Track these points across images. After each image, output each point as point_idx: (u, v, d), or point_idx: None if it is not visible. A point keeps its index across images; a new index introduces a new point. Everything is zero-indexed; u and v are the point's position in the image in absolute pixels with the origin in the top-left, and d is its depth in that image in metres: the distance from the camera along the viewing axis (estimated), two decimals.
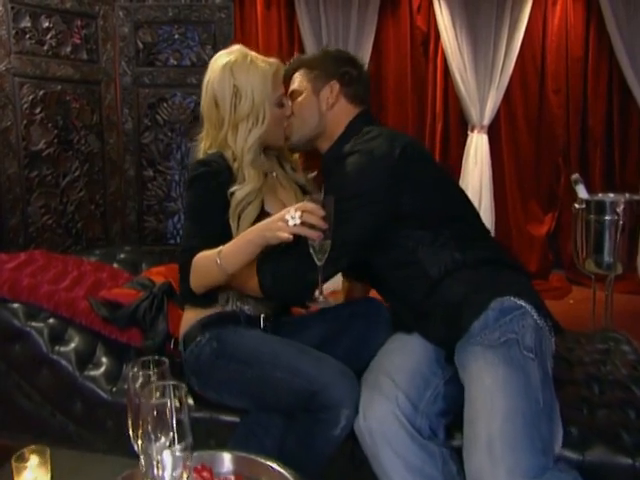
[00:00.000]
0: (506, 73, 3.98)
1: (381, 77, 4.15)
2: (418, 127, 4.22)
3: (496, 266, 1.40)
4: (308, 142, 1.58)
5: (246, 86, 1.42)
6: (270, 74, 1.45)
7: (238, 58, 1.45)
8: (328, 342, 1.51)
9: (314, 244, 1.24)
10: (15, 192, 2.61)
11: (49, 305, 1.72)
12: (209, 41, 2.97)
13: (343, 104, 1.53)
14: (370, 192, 1.38)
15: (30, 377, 1.66)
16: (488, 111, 4.03)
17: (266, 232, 1.26)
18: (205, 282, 1.39)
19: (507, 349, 1.24)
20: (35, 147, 2.67)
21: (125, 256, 2.37)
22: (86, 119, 2.88)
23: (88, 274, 1.99)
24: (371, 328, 1.51)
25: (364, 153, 1.42)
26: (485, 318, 1.28)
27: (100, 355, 1.70)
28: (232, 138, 1.45)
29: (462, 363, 1.29)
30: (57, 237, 2.81)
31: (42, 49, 2.67)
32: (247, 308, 1.52)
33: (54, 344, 1.66)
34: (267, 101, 1.44)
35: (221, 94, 1.44)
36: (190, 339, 1.47)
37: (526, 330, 1.26)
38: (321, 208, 1.22)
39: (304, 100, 1.54)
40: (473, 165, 4.08)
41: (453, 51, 3.97)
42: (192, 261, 1.36)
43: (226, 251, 1.32)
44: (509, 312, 1.28)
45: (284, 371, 1.33)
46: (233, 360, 1.39)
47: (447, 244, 1.39)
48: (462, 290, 1.34)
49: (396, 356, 1.39)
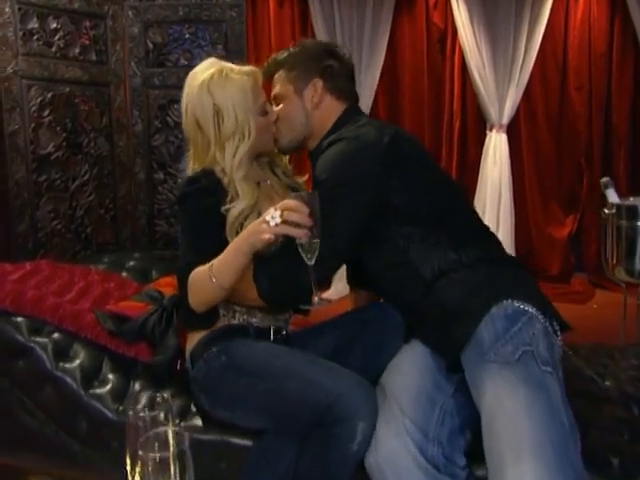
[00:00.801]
0: (526, 70, 3.86)
1: (397, 75, 4.06)
2: (435, 126, 4.13)
3: (494, 264, 1.33)
4: (298, 144, 1.54)
5: (226, 103, 1.38)
6: (249, 86, 1.41)
7: (214, 75, 1.40)
8: (341, 352, 1.46)
9: (302, 243, 1.16)
10: (23, 197, 2.55)
11: (53, 319, 1.65)
12: (220, 41, 2.89)
13: (329, 101, 1.48)
14: (358, 180, 1.32)
15: (34, 394, 1.60)
16: (507, 109, 3.91)
17: (250, 238, 1.22)
18: (203, 299, 1.34)
19: (525, 366, 1.16)
20: (43, 151, 2.61)
21: (134, 263, 2.30)
22: (95, 121, 2.82)
23: (95, 284, 1.92)
24: (384, 335, 1.44)
25: (351, 139, 1.36)
26: (494, 329, 1.20)
27: (106, 371, 1.63)
28: (220, 156, 1.40)
29: (476, 383, 1.20)
30: (66, 242, 2.75)
31: (50, 50, 2.61)
32: (255, 320, 1.46)
33: (58, 360, 1.59)
34: (250, 114, 1.40)
35: (202, 116, 1.39)
36: (197, 355, 1.41)
37: (538, 338, 1.20)
38: (304, 205, 1.15)
39: (288, 103, 1.49)
40: (492, 165, 3.98)
41: (471, 48, 3.86)
42: (188, 279, 1.31)
43: (217, 265, 1.27)
44: (516, 319, 1.21)
45: (297, 382, 1.27)
46: (243, 373, 1.33)
47: (439, 242, 1.33)
48: (458, 292, 1.27)
49: (399, 375, 1.31)
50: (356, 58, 3.86)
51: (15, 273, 1.80)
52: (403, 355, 1.37)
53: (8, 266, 1.88)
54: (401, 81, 4.08)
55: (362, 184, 1.32)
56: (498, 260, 1.36)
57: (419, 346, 1.35)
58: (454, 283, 1.29)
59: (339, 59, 1.52)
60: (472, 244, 1.35)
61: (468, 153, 4.13)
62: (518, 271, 1.37)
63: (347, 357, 1.42)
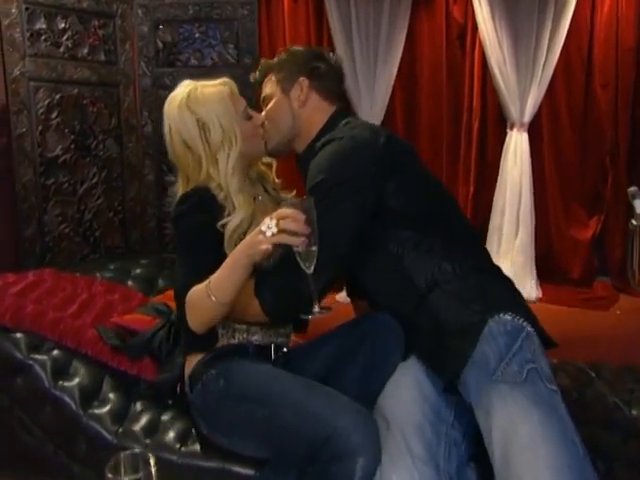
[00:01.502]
0: (549, 66, 3.72)
1: (414, 72, 3.95)
2: (453, 124, 4.01)
3: (485, 275, 1.32)
4: (286, 145, 1.52)
5: (209, 116, 1.38)
6: (226, 94, 1.41)
7: (189, 93, 1.40)
8: (338, 368, 1.41)
9: (300, 251, 1.14)
10: (30, 201, 2.52)
11: (53, 335, 1.62)
12: (232, 39, 2.83)
13: (316, 100, 1.48)
14: (354, 179, 1.29)
15: (33, 413, 1.56)
16: (529, 108, 3.78)
17: (248, 250, 1.19)
18: (203, 319, 1.29)
19: (533, 385, 1.16)
20: (51, 153, 2.58)
21: (141, 271, 2.27)
22: (104, 123, 2.77)
23: (99, 296, 1.88)
24: (382, 348, 1.38)
25: (345, 139, 1.33)
26: (497, 346, 1.19)
27: (107, 390, 1.59)
28: (214, 171, 1.39)
29: (483, 405, 1.17)
30: (75, 246, 2.72)
31: (58, 51, 2.56)
32: (255, 339, 1.42)
33: (57, 379, 1.55)
34: (234, 121, 1.39)
35: (188, 135, 1.39)
36: (196, 379, 1.37)
37: (538, 355, 1.20)
38: (299, 212, 1.13)
39: (275, 103, 1.49)
40: (512, 165, 3.86)
41: (492, 44, 3.73)
42: (186, 299, 1.27)
43: (214, 281, 1.23)
44: (516, 336, 1.20)
45: (293, 412, 1.23)
46: (241, 400, 1.30)
47: (433, 249, 1.31)
48: (452, 306, 1.25)
49: (399, 404, 1.26)
50: (372, 54, 3.77)
51: (17, 284, 1.77)
52: (401, 379, 1.32)
53: (11, 276, 1.85)
54: (419, 78, 3.97)
55: (358, 184, 1.30)
56: (489, 271, 1.36)
57: (415, 367, 1.31)
58: (448, 295, 1.27)
59: (327, 62, 1.52)
60: (465, 252, 1.34)
61: (487, 152, 4.01)
62: (507, 283, 1.36)
63: (344, 373, 1.39)
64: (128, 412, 1.55)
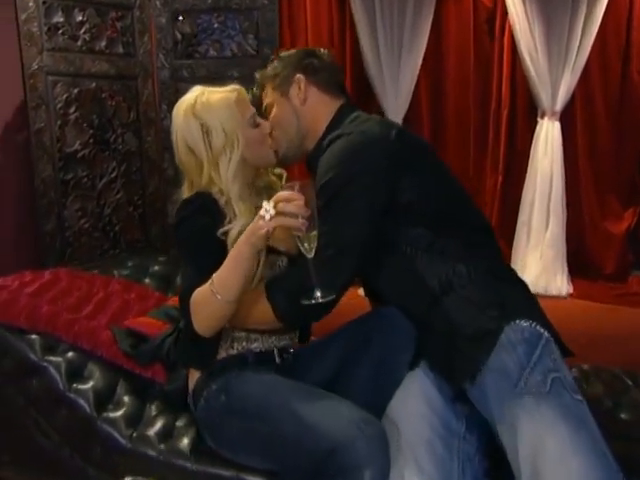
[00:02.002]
0: (583, 52, 3.58)
1: (440, 60, 3.87)
2: (481, 113, 3.92)
3: (501, 279, 1.28)
4: (297, 149, 1.48)
5: (212, 120, 1.35)
6: (232, 100, 1.38)
7: (196, 99, 1.38)
8: (346, 370, 1.38)
9: (299, 235, 1.13)
10: (50, 196, 2.53)
11: (68, 336, 1.60)
12: (251, 30, 2.78)
13: (316, 94, 1.45)
14: (364, 176, 1.25)
15: (48, 415, 1.56)
16: (561, 95, 3.66)
17: (249, 239, 1.17)
18: (209, 321, 1.25)
19: (558, 397, 1.12)
20: (70, 148, 2.59)
21: (159, 268, 2.25)
22: (123, 117, 2.77)
23: (115, 296, 1.87)
24: (391, 347, 1.34)
25: (354, 135, 1.30)
26: (517, 355, 1.15)
27: (121, 393, 1.58)
28: (216, 175, 1.36)
29: (506, 419, 1.12)
30: (94, 241, 2.73)
31: (76, 45, 2.56)
32: (255, 346, 1.39)
33: (72, 381, 1.54)
34: (238, 127, 1.37)
35: (192, 139, 1.37)
36: (198, 394, 1.36)
37: (559, 363, 1.17)
38: (298, 194, 1.12)
39: (277, 107, 1.46)
40: (543, 155, 3.74)
41: (522, 28, 3.60)
42: (190, 302, 1.24)
43: (218, 278, 1.21)
44: (535, 343, 1.16)
45: (295, 425, 1.20)
46: (242, 415, 1.28)
47: (447, 251, 1.26)
48: (467, 310, 1.22)
49: (407, 416, 1.22)
50: (397, 43, 3.69)
51: (33, 284, 1.77)
52: (408, 392, 1.28)
53: (27, 275, 1.85)
54: (445, 65, 3.88)
55: (369, 180, 1.26)
56: (505, 274, 1.32)
57: (424, 377, 1.28)
58: (463, 299, 1.23)
59: (319, 57, 1.49)
60: (481, 254, 1.30)
61: (517, 142, 3.91)
62: (524, 288, 1.32)
63: (353, 372, 1.35)
64: (143, 416, 1.54)
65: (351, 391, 1.32)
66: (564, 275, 3.79)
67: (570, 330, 3.09)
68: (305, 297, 1.17)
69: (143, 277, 2.17)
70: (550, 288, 3.73)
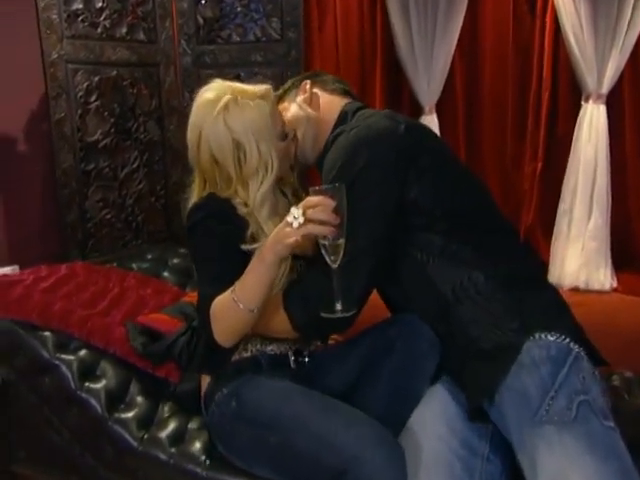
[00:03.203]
0: (634, 30, 3.38)
1: (477, 40, 3.73)
2: (520, 96, 3.77)
3: (524, 286, 1.19)
4: (310, 151, 1.45)
5: (247, 137, 1.28)
6: (267, 111, 1.31)
7: (229, 104, 1.28)
8: (365, 379, 1.33)
9: (325, 243, 1.07)
10: (71, 186, 2.54)
11: (81, 333, 1.61)
12: (275, 13, 2.71)
13: (322, 95, 1.46)
14: (374, 170, 1.19)
15: (60, 413, 1.57)
16: (608, 77, 3.47)
17: (275, 246, 1.13)
18: (231, 330, 1.22)
19: (585, 425, 1.03)
20: (91, 138, 2.58)
21: (178, 261, 2.25)
22: (145, 105, 2.75)
23: (130, 291, 1.87)
24: (413, 357, 1.29)
25: (361, 128, 1.24)
26: (539, 376, 1.07)
27: (134, 393, 1.58)
28: (244, 193, 1.31)
29: (526, 450, 1.05)
30: (117, 232, 2.74)
31: (96, 32, 2.54)
32: (270, 349, 1.36)
33: (84, 380, 1.55)
34: (272, 144, 1.30)
35: (219, 150, 1.29)
36: (209, 399, 1.33)
37: (589, 383, 1.08)
38: (328, 199, 1.07)
39: (290, 113, 1.45)
40: (586, 142, 3.58)
41: (566, 6, 3.43)
42: (210, 312, 1.20)
43: (240, 286, 1.17)
44: (562, 361, 1.08)
45: (308, 439, 1.16)
46: (253, 424, 1.24)
47: (462, 255, 1.19)
48: (484, 321, 1.15)
49: (425, 441, 1.15)
50: (430, 23, 3.57)
51: (48, 279, 1.78)
52: (428, 405, 1.22)
53: (44, 269, 1.87)
54: (482, 46, 3.73)
55: (379, 176, 1.21)
56: (530, 280, 1.23)
57: (443, 393, 1.22)
58: (479, 309, 1.17)
59: (322, 75, 1.53)
60: (499, 257, 1.22)
61: (558, 126, 3.74)
62: (552, 294, 1.23)
63: (373, 381, 1.31)
64: (155, 417, 1.53)
65: (370, 400, 1.28)
66: (608, 268, 3.64)
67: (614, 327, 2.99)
68: (325, 310, 1.11)
69: (162, 270, 2.18)
70: (592, 282, 3.60)
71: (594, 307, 3.29)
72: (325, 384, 1.34)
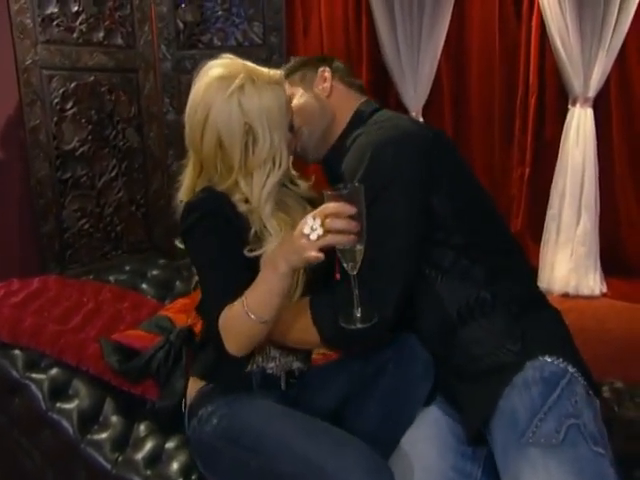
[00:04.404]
0: (620, 32, 3.40)
1: (463, 44, 3.73)
2: (507, 100, 3.77)
3: (529, 307, 1.17)
4: (317, 146, 1.38)
5: (261, 123, 1.19)
6: (284, 99, 1.23)
7: (244, 84, 1.18)
8: (355, 399, 1.29)
9: (343, 249, 1.00)
10: (47, 196, 2.48)
11: (53, 351, 1.55)
12: (257, 17, 2.68)
13: (341, 89, 1.40)
14: (403, 172, 1.13)
15: (31, 436, 1.51)
16: (595, 80, 3.48)
17: (290, 256, 1.04)
18: (245, 341, 1.15)
19: (573, 448, 1.00)
20: (67, 146, 2.53)
21: (157, 273, 2.20)
22: (123, 112, 2.70)
23: (106, 305, 1.82)
24: (406, 378, 1.25)
25: (386, 128, 1.19)
26: (530, 397, 1.04)
27: (108, 412, 1.52)
28: (246, 186, 1.21)
29: (511, 471, 1.01)
30: (95, 242, 2.68)
31: (71, 36, 2.49)
32: (270, 367, 1.30)
33: (55, 400, 1.49)
34: (284, 137, 1.22)
35: (229, 135, 1.19)
36: (193, 413, 1.27)
37: (581, 406, 1.05)
38: (347, 204, 0.98)
39: (301, 100, 1.37)
40: (574, 146, 3.58)
41: (552, 8, 3.44)
42: (219, 324, 1.14)
43: (252, 296, 1.10)
44: (555, 383, 1.06)
45: (293, 464, 1.10)
46: (236, 444, 1.18)
47: (470, 274, 1.15)
48: (487, 342, 1.13)
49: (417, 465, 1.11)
50: (416, 26, 3.55)
51: (19, 293, 1.72)
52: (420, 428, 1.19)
53: (16, 283, 1.81)
54: (468, 50, 3.73)
55: (408, 178, 1.14)
56: (533, 301, 1.20)
57: (438, 411, 1.19)
58: (483, 330, 1.14)
59: (337, 62, 1.45)
60: (507, 277, 1.19)
61: (546, 130, 3.75)
62: (552, 315, 1.21)
63: (363, 406, 1.27)
64: (130, 437, 1.48)
65: (361, 422, 1.25)
66: (597, 273, 3.64)
67: (604, 333, 2.97)
68: (344, 320, 1.06)
69: (140, 282, 2.13)
70: (582, 287, 3.60)
71: (584, 313, 3.28)
72: (314, 404, 1.30)
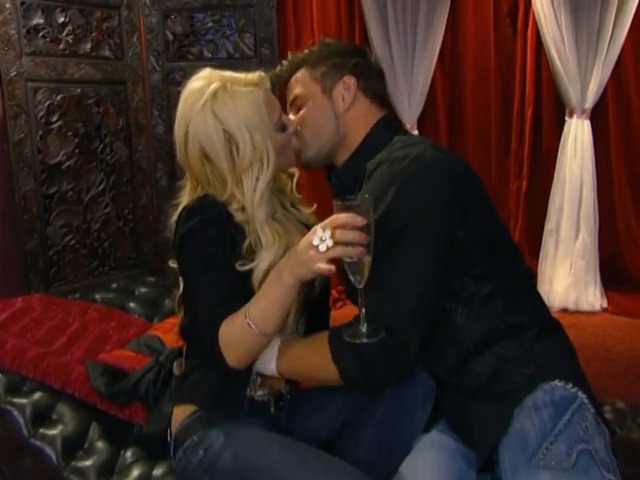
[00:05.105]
0: (616, 43, 3.43)
1: (458, 54, 3.74)
2: (503, 113, 3.79)
3: (543, 334, 1.16)
4: (326, 156, 1.33)
5: (239, 127, 1.18)
6: (261, 98, 1.21)
7: (217, 92, 1.19)
8: (350, 426, 1.27)
9: (350, 262, 0.99)
10: (32, 212, 2.47)
11: (36, 374, 1.52)
12: (248, 28, 2.69)
13: (363, 102, 1.30)
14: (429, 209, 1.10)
15: (13, 464, 1.47)
16: (592, 92, 3.51)
17: (297, 268, 1.04)
18: (247, 354, 1.13)
19: (584, 474, 0.99)
20: (53, 160, 2.52)
21: (146, 290, 2.18)
22: (111, 124, 2.69)
23: (92, 325, 1.79)
24: (404, 405, 1.22)
25: (413, 159, 1.13)
26: (540, 419, 1.04)
27: (94, 438, 1.48)
28: (240, 193, 1.20)
29: None
30: (81, 259, 2.66)
31: (58, 48, 2.49)
32: (260, 394, 1.28)
33: (38, 426, 1.45)
34: (267, 136, 1.20)
35: (210, 146, 1.19)
36: (178, 442, 1.23)
37: (592, 432, 1.05)
38: (357, 216, 0.97)
39: (315, 105, 1.30)
40: (571, 158, 3.60)
41: (548, 20, 3.47)
42: (218, 337, 1.11)
43: (255, 308, 1.09)
44: (565, 407, 1.06)
45: None
46: (224, 476, 1.14)
47: (489, 304, 1.14)
48: (498, 367, 1.12)
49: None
50: (410, 37, 3.57)
51: (1, 314, 1.70)
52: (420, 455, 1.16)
53: None
54: (463, 61, 3.75)
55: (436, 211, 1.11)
56: (545, 326, 1.19)
57: (439, 439, 1.17)
58: (497, 358, 1.13)
59: (367, 58, 1.36)
60: (524, 306, 1.18)
61: (543, 143, 3.76)
62: (564, 339, 1.21)
63: (357, 431, 1.24)
64: (116, 464, 1.44)
65: (356, 447, 1.23)
66: (597, 288, 3.64)
67: (605, 350, 2.95)
68: (349, 334, 1.04)
69: (128, 301, 2.10)
70: (582, 302, 3.59)
71: (584, 329, 3.28)
72: (307, 430, 1.28)
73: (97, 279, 2.64)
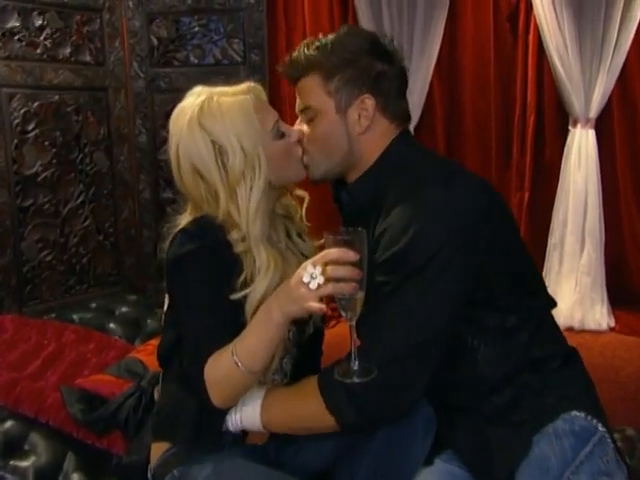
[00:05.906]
0: (621, 50, 3.46)
1: (457, 61, 3.76)
2: (504, 122, 3.81)
3: (561, 364, 1.20)
4: (336, 175, 1.30)
5: (227, 136, 1.19)
6: (250, 106, 1.22)
7: (202, 105, 1.21)
8: (343, 459, 1.26)
9: (342, 298, 0.99)
10: (5, 225, 2.45)
11: (7, 401, 1.51)
12: (237, 33, 2.70)
13: (381, 124, 1.23)
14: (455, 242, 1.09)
15: None
16: (596, 100, 3.53)
17: (287, 305, 1.06)
18: (231, 392, 1.14)
19: None
20: (29, 171, 2.51)
21: (127, 310, 2.17)
22: (91, 133, 2.69)
23: (69, 347, 1.78)
24: (405, 432, 1.21)
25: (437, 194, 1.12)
26: (561, 448, 1.07)
27: (69, 470, 1.47)
28: (235, 209, 1.20)
29: None
30: (58, 275, 2.64)
31: (35, 52, 2.49)
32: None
33: (8, 457, 1.45)
34: (259, 143, 1.20)
35: (200, 160, 1.20)
36: (158, 477, 1.22)
37: (613, 467, 1.09)
38: (350, 251, 0.98)
39: (327, 123, 1.23)
40: (575, 168, 3.62)
41: (550, 25, 3.50)
42: (204, 373, 1.11)
43: (242, 345, 1.10)
44: (586, 439, 1.09)
45: None
46: None
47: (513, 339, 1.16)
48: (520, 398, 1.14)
49: None
50: (407, 43, 3.60)
51: None
52: None
53: None
54: (462, 68, 3.77)
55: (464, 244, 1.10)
56: (567, 356, 1.23)
57: (443, 471, 1.17)
58: (519, 392, 1.15)
59: (389, 59, 1.27)
60: (546, 337, 1.22)
61: (545, 154, 3.77)
62: (583, 370, 1.24)
63: (351, 465, 1.23)
64: None
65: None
66: (604, 305, 3.64)
67: (613, 372, 2.94)
68: (340, 373, 1.03)
69: (107, 322, 2.08)
70: (588, 321, 3.59)
71: (591, 349, 3.27)
72: (298, 462, 1.27)
73: (75, 297, 2.62)
